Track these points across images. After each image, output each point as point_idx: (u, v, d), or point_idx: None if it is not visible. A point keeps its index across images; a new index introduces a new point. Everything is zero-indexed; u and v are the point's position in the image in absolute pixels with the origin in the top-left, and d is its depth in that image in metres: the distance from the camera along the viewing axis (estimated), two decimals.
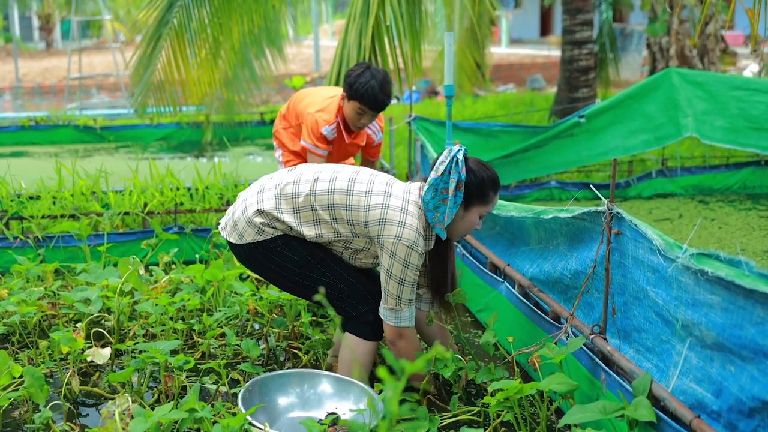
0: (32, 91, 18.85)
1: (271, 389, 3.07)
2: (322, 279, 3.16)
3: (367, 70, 4.18)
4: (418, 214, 3.04)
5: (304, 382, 3.15)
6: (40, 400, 2.82)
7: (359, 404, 3.01)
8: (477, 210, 3.08)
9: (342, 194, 3.06)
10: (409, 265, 2.99)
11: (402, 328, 3.09)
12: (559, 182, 6.93)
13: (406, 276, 3.00)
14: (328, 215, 3.07)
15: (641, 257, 2.55)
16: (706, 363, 2.22)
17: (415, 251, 2.98)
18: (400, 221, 2.99)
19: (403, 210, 3.02)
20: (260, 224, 3.11)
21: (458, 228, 3.12)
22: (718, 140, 6.04)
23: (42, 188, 5.76)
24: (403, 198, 3.07)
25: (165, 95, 8.55)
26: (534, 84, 18.36)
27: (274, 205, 3.11)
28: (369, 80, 4.14)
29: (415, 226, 3.00)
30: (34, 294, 3.93)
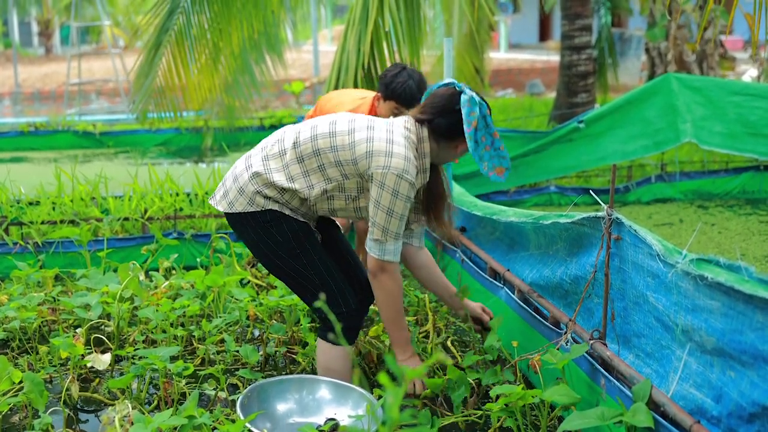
0: (31, 96, 18.85)
1: (269, 395, 3.05)
2: (302, 270, 3.10)
3: (404, 70, 4.16)
4: (405, 144, 2.99)
5: (302, 388, 3.13)
6: (39, 406, 2.81)
7: (358, 410, 3.00)
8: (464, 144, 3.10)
9: (325, 137, 3.01)
10: (398, 194, 2.94)
11: (385, 262, 3.04)
12: (558, 187, 6.94)
13: (394, 206, 2.95)
14: (315, 162, 3.01)
15: (641, 262, 2.55)
16: (706, 368, 2.23)
17: (405, 180, 2.93)
18: (387, 151, 2.94)
19: (388, 140, 2.97)
20: (251, 193, 3.03)
21: (452, 155, 3.16)
22: (716, 145, 6.06)
23: (41, 194, 5.76)
24: (386, 129, 3.02)
25: (165, 101, 8.57)
26: (533, 89, 18.37)
27: (263, 167, 3.05)
28: (407, 80, 4.11)
29: (403, 154, 2.95)
30: (34, 300, 3.93)
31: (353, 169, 3.00)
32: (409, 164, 2.95)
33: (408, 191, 2.95)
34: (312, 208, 3.10)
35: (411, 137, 3.04)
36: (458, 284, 4.42)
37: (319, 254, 3.12)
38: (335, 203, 3.10)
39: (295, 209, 3.08)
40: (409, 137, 3.03)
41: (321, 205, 3.09)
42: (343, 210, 3.13)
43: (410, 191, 2.96)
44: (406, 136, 3.02)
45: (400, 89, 4.12)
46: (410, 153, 2.98)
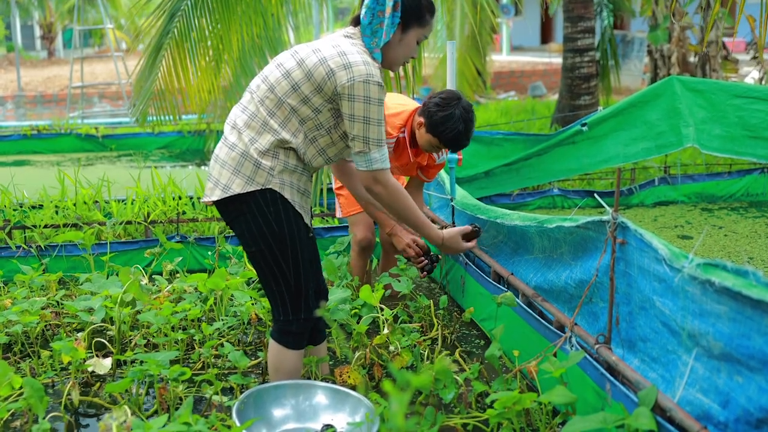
0: (34, 99, 18.88)
1: (265, 401, 3.03)
2: (286, 266, 3.01)
3: (456, 108, 3.95)
4: (357, 50, 2.95)
5: (299, 394, 3.11)
6: (39, 412, 2.80)
7: (355, 416, 2.98)
8: (415, 33, 3.05)
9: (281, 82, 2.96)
10: (369, 100, 2.90)
11: (375, 172, 3.01)
12: (561, 190, 6.93)
13: (369, 113, 2.91)
14: (286, 110, 2.95)
15: (647, 267, 2.53)
16: (713, 373, 2.21)
17: (372, 83, 2.89)
18: (344, 64, 2.89)
19: (340, 54, 2.92)
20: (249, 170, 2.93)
21: (397, 53, 3.07)
22: (715, 149, 6.04)
23: (45, 197, 5.77)
24: (332, 46, 2.96)
25: (165, 104, 8.57)
26: (535, 91, 18.38)
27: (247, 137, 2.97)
28: (456, 125, 3.92)
29: (360, 60, 2.90)
30: (37, 304, 3.92)
31: (320, 99, 2.94)
32: (370, 67, 2.91)
33: (378, 94, 2.91)
34: (308, 164, 3.04)
35: (358, 43, 2.99)
36: (462, 288, 4.42)
37: (303, 253, 3.05)
38: (321, 143, 3.03)
39: (291, 185, 2.99)
40: (356, 44, 2.99)
41: (312, 154, 3.02)
42: (332, 147, 3.07)
43: (380, 93, 2.92)
44: (353, 43, 2.98)
45: (447, 133, 3.93)
46: (366, 57, 2.94)
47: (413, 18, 3.02)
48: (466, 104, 3.99)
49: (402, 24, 3.00)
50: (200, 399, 3.39)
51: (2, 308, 4.01)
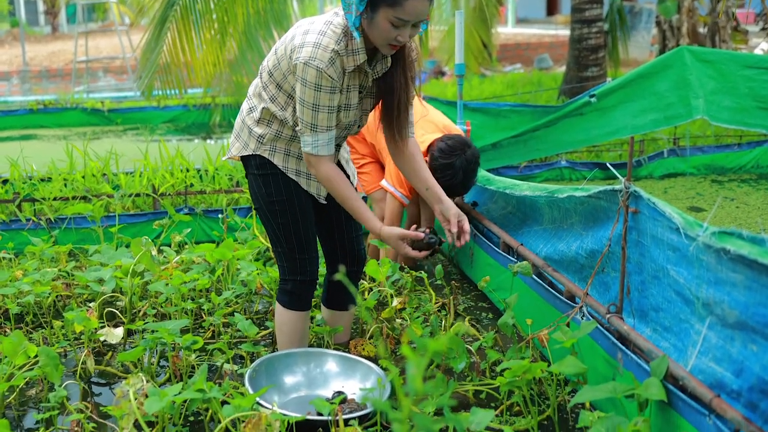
0: (39, 74, 18.84)
1: (277, 369, 3.07)
2: (275, 228, 3.13)
3: (459, 158, 3.96)
4: (321, 31, 2.79)
5: (310, 361, 3.15)
6: (55, 380, 2.82)
7: (365, 382, 3.03)
8: (384, 13, 2.69)
9: (270, 57, 3.00)
10: (306, 83, 2.78)
11: (311, 156, 2.93)
12: (569, 162, 6.90)
13: (304, 95, 2.81)
14: (274, 82, 2.97)
15: (660, 236, 2.53)
16: (727, 342, 2.21)
17: (310, 67, 2.75)
18: (300, 43, 2.80)
19: (305, 32, 2.82)
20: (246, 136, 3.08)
21: (372, 35, 2.78)
22: (724, 121, 6.00)
23: (53, 170, 5.77)
24: (309, 21, 2.88)
25: (171, 77, 8.55)
26: (541, 64, 18.30)
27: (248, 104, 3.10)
28: (454, 175, 3.96)
29: (313, 42, 2.77)
30: (48, 275, 3.94)
31: (293, 77, 2.91)
32: (317, 50, 2.76)
33: (315, 78, 2.77)
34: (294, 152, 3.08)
35: (337, 22, 2.82)
36: (470, 259, 4.42)
37: (296, 217, 3.10)
38: None
39: (286, 152, 3.06)
40: (333, 23, 2.82)
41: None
42: None
43: (318, 78, 2.77)
44: (329, 22, 2.82)
45: (443, 182, 3.87)
46: (325, 39, 2.77)
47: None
48: (470, 155, 4.01)
49: (369, 2, 2.71)
50: (211, 367, 3.41)
51: (14, 279, 4.03)
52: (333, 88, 2.82)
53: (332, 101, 2.85)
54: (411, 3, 2.66)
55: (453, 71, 16.02)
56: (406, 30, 2.74)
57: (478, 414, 2.31)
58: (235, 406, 2.51)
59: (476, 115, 6.11)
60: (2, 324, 3.84)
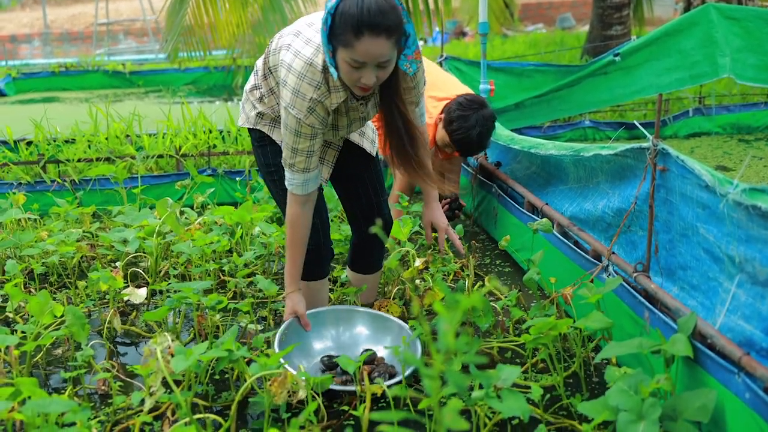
0: (61, 37, 18.85)
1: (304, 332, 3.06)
2: (276, 197, 3.17)
3: (476, 113, 3.93)
4: (302, 69, 2.65)
5: (339, 323, 3.14)
6: (81, 339, 2.83)
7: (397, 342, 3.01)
8: (341, 53, 2.52)
9: (274, 54, 2.87)
10: (287, 126, 2.73)
11: (289, 192, 2.90)
12: (592, 122, 6.85)
13: (286, 137, 2.77)
14: (275, 78, 2.92)
15: (689, 193, 2.50)
16: (757, 300, 2.18)
17: (291, 114, 2.68)
18: (284, 80, 2.69)
19: (288, 66, 2.68)
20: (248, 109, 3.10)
21: (341, 75, 2.60)
22: (749, 79, 5.92)
23: (77, 132, 5.78)
24: (295, 51, 2.69)
25: (194, 39, 8.54)
26: (564, 23, 18.11)
27: (254, 80, 3.08)
28: (469, 131, 3.91)
29: (293, 86, 2.65)
30: (73, 235, 3.96)
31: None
32: (296, 98, 2.66)
33: (297, 126, 2.70)
34: None
35: (317, 61, 2.65)
36: (494, 219, 4.40)
37: None
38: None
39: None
40: (313, 63, 2.65)
41: None
42: None
43: (298, 126, 2.70)
44: (309, 61, 2.65)
45: (457, 136, 3.93)
46: (304, 86, 2.64)
47: (334, 35, 2.51)
48: (487, 113, 3.95)
49: (330, 42, 2.54)
50: (241, 327, 3.42)
51: (39, 240, 4.05)
52: (313, 134, 2.75)
53: (312, 146, 2.78)
54: (362, 45, 2.46)
55: (474, 32, 15.89)
56: (368, 72, 2.53)
57: (505, 370, 2.31)
58: (261, 365, 2.51)
59: (499, 75, 6.06)
60: (27, 284, 3.87)
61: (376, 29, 2.44)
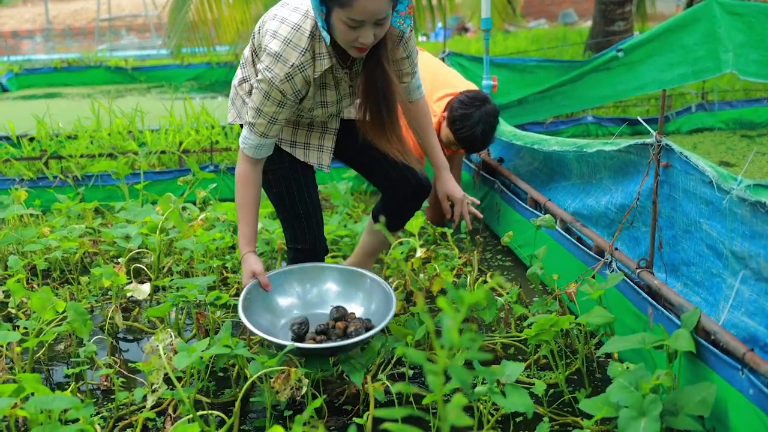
0: (62, 32, 18.85)
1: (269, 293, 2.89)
2: (274, 198, 3.07)
3: (478, 110, 3.89)
4: (288, 35, 2.59)
5: (305, 280, 2.99)
6: (83, 335, 2.83)
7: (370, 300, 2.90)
8: (337, 14, 2.45)
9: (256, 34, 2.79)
10: (259, 87, 2.64)
11: (242, 150, 2.81)
12: (595, 117, 6.83)
13: (254, 96, 2.68)
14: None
15: (693, 189, 2.49)
16: (761, 296, 2.18)
17: (265, 76, 2.60)
18: (266, 46, 2.62)
19: (273, 33, 2.62)
20: (239, 104, 2.99)
21: (336, 37, 2.55)
22: (752, 74, 5.91)
23: (79, 128, 5.78)
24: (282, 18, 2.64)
25: (198, 35, 8.54)
26: (566, 19, 18.09)
27: (242, 72, 2.97)
28: (473, 128, 3.88)
29: (275, 51, 2.58)
30: (76, 231, 3.96)
31: None
32: (277, 62, 2.58)
33: (268, 87, 2.61)
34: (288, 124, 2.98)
35: (306, 25, 2.60)
36: (497, 215, 4.39)
37: (290, 187, 3.01)
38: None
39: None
40: (302, 26, 2.60)
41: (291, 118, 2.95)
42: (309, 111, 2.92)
43: (270, 88, 2.61)
44: (297, 26, 2.60)
45: (461, 134, 3.90)
46: (288, 50, 2.57)
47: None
48: (490, 109, 3.92)
49: (324, 3, 2.48)
50: (237, 323, 3.42)
51: (41, 236, 4.05)
52: (282, 102, 2.67)
53: (277, 114, 2.70)
54: (360, 3, 2.40)
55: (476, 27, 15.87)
56: (366, 30, 2.48)
57: (509, 367, 2.30)
58: (261, 362, 2.51)
59: (502, 71, 6.05)
60: (30, 280, 3.87)
61: None
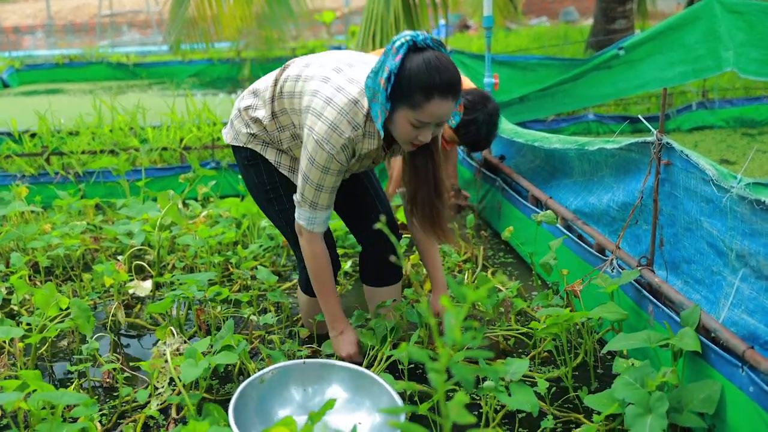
0: (64, 28, 18.84)
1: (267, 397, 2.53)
2: (277, 216, 3.01)
3: (481, 113, 3.84)
4: (345, 107, 2.56)
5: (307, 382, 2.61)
6: (86, 331, 2.85)
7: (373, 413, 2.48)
8: (403, 113, 2.47)
9: (292, 80, 2.75)
10: (313, 161, 2.60)
11: (300, 225, 2.78)
12: (596, 115, 6.84)
13: (310, 173, 2.63)
14: (289, 104, 2.77)
15: (693, 188, 2.50)
16: (761, 294, 2.19)
17: (323, 149, 2.56)
18: (319, 112, 2.58)
19: (328, 100, 2.58)
20: (238, 126, 2.96)
21: (393, 131, 2.57)
22: (752, 73, 5.91)
23: (81, 124, 5.78)
24: (338, 87, 2.61)
25: (198, 31, 8.55)
26: (567, 17, 18.09)
27: (252, 100, 2.92)
28: (479, 131, 3.85)
29: (331, 120, 2.54)
30: (77, 228, 3.97)
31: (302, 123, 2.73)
32: (333, 133, 2.55)
33: (326, 162, 2.59)
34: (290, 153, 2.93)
35: (362, 104, 2.59)
36: (498, 212, 4.40)
37: (291, 202, 2.96)
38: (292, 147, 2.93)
39: (278, 149, 2.93)
40: (358, 103, 2.59)
41: (297, 152, 2.91)
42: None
43: (329, 162, 2.59)
44: (354, 101, 2.58)
45: (467, 139, 3.88)
46: (344, 123, 2.56)
47: (399, 95, 2.45)
48: (492, 108, 3.90)
49: (391, 99, 2.48)
50: (239, 319, 3.43)
51: (42, 233, 4.06)
52: (340, 171, 2.66)
53: (337, 182, 2.70)
54: (432, 106, 2.43)
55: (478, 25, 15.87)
56: (428, 130, 2.51)
57: (514, 364, 2.31)
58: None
59: (503, 69, 6.06)
60: (32, 277, 3.88)
61: (445, 92, 2.42)
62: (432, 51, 2.42)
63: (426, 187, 2.73)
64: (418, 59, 2.40)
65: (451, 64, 2.43)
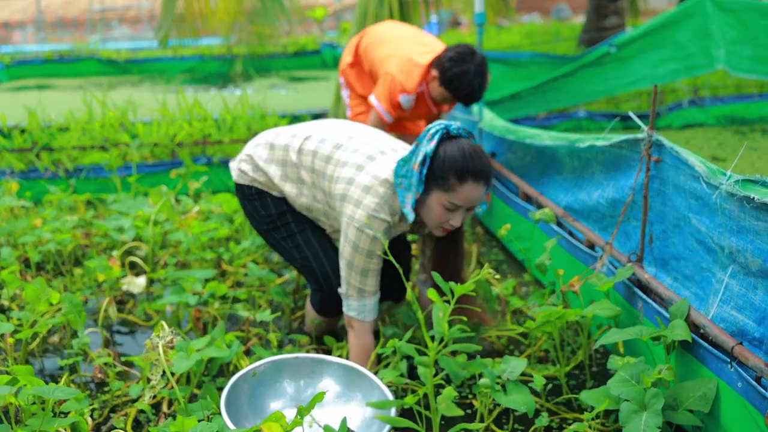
0: (54, 23, 18.78)
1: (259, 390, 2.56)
2: (282, 244, 3.05)
3: (471, 63, 3.84)
4: (384, 194, 2.69)
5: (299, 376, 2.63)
6: (78, 327, 2.84)
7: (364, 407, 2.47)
8: (437, 196, 2.63)
9: (322, 160, 2.84)
10: (358, 248, 2.69)
11: (350, 318, 2.83)
12: (587, 112, 6.85)
13: (354, 259, 2.72)
14: (309, 178, 2.89)
15: (683, 184, 2.51)
16: (749, 290, 2.20)
17: (365, 234, 2.66)
18: (358, 200, 2.68)
19: (366, 188, 2.69)
20: (244, 168, 3.03)
21: (425, 216, 2.71)
22: (745, 71, 5.93)
23: (71, 120, 5.76)
24: (374, 175, 2.71)
25: (188, 27, 8.52)
26: (559, 14, 18.10)
27: (265, 154, 3.00)
28: (472, 80, 3.84)
29: (372, 207, 2.66)
30: (68, 223, 3.96)
31: (333, 204, 2.84)
32: (376, 220, 2.67)
33: (370, 245, 2.68)
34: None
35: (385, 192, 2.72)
36: (489, 209, 4.41)
37: (301, 231, 3.02)
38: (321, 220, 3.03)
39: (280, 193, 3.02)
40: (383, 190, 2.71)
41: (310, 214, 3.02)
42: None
43: (373, 245, 2.69)
44: (390, 184, 2.71)
45: (462, 92, 3.88)
46: (385, 207, 2.69)
47: (433, 178, 2.61)
48: (480, 59, 3.91)
49: (425, 183, 2.64)
50: (231, 318, 3.43)
51: (33, 228, 4.05)
52: (372, 252, 2.73)
53: (380, 265, 2.78)
54: (465, 189, 2.59)
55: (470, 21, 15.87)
56: (459, 214, 2.66)
57: (511, 362, 2.32)
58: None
59: (495, 65, 6.06)
60: (23, 272, 3.87)
61: (479, 175, 2.59)
62: (464, 139, 2.63)
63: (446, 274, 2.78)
64: (452, 146, 2.60)
65: (483, 153, 2.62)
